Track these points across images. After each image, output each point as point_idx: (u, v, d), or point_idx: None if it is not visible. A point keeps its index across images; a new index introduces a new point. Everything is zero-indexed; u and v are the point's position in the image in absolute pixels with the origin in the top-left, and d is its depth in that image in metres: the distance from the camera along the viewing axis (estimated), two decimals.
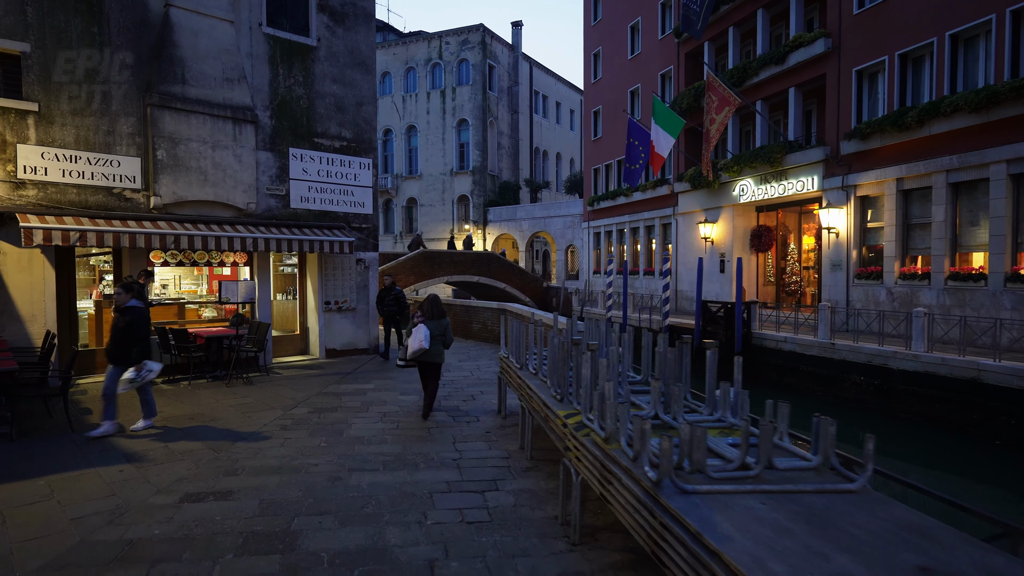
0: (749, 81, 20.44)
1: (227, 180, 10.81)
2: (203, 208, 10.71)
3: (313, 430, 6.89)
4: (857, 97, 16.80)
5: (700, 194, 23.59)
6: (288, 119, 11.82)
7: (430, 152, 41.83)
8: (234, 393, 8.96)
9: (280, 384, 9.71)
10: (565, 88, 50.69)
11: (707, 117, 18.95)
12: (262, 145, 11.44)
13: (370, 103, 13.03)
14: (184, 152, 10.30)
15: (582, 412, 4.29)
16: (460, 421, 7.46)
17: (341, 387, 9.55)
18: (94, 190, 9.61)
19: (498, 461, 5.86)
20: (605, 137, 31.88)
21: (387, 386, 9.75)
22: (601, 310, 26.51)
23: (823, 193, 17.76)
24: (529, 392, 5.79)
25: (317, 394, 8.97)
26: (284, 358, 12.27)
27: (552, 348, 5.20)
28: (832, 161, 17.40)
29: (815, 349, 15.04)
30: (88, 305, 11.11)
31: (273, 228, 11.21)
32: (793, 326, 16.20)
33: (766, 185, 20.02)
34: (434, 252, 27.04)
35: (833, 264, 17.54)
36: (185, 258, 10.87)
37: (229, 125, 10.81)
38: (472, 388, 9.65)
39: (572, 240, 36.58)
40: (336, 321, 12.65)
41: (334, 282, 12.59)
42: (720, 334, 17.85)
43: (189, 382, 9.67)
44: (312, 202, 12.17)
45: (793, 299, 21.38)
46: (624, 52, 29.99)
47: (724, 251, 22.68)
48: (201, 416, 7.51)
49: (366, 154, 12.98)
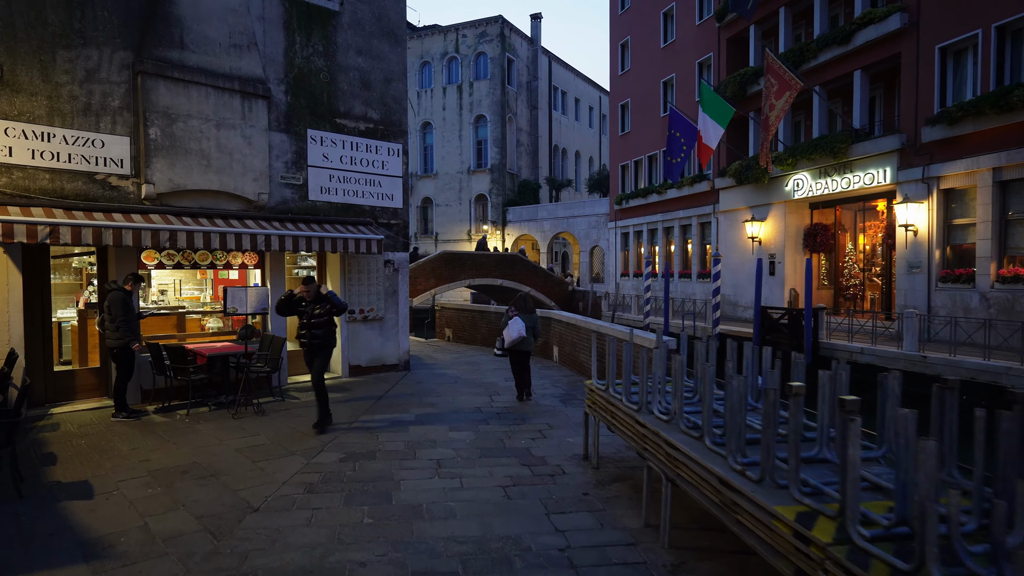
0: (806, 65, 18.56)
1: (234, 166, 9.03)
2: (205, 199, 8.93)
3: (350, 493, 5.04)
4: (940, 77, 14.87)
5: (745, 190, 21.69)
6: (306, 95, 10.03)
7: (446, 150, 40.03)
8: (242, 428, 7.14)
9: (299, 414, 7.89)
10: (584, 84, 48.81)
11: (765, 103, 17.07)
12: (276, 125, 9.66)
13: (400, 79, 11.23)
14: (182, 131, 8.53)
15: (848, 524, 2.44)
16: (541, 474, 5.61)
17: (374, 418, 7.72)
18: (72, 176, 7.84)
19: (624, 552, 4.01)
20: (634, 132, 30.00)
21: (429, 416, 7.92)
22: (635, 315, 24.63)
23: (897, 187, 15.84)
24: (673, 454, 3.95)
25: (346, 428, 7.14)
26: (301, 377, 10.47)
27: (731, 393, 3.35)
28: (909, 150, 15.47)
29: (900, 362, 13.17)
30: (73, 315, 9.36)
31: (289, 224, 9.41)
32: (870, 335, 14.30)
33: (826, 179, 18.11)
34: (455, 253, 25.25)
35: (910, 266, 15.59)
36: (184, 259, 9.08)
37: (237, 100, 9.03)
38: (535, 420, 7.80)
39: (597, 241, 34.70)
40: (361, 333, 10.83)
41: (359, 287, 10.79)
42: (784, 344, 15.96)
43: (188, 411, 7.86)
44: (334, 193, 10.37)
45: (851, 304, 19.47)
46: (656, 40, 28.14)
47: (774, 252, 20.76)
48: (199, 467, 5.68)
49: (395, 138, 11.17)
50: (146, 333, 9.14)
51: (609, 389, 5.38)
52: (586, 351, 10.77)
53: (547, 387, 10.10)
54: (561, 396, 9.30)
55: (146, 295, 10.23)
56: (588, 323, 10.89)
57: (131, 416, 7.48)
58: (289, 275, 12.10)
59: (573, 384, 10.32)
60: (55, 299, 9.51)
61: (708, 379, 3.77)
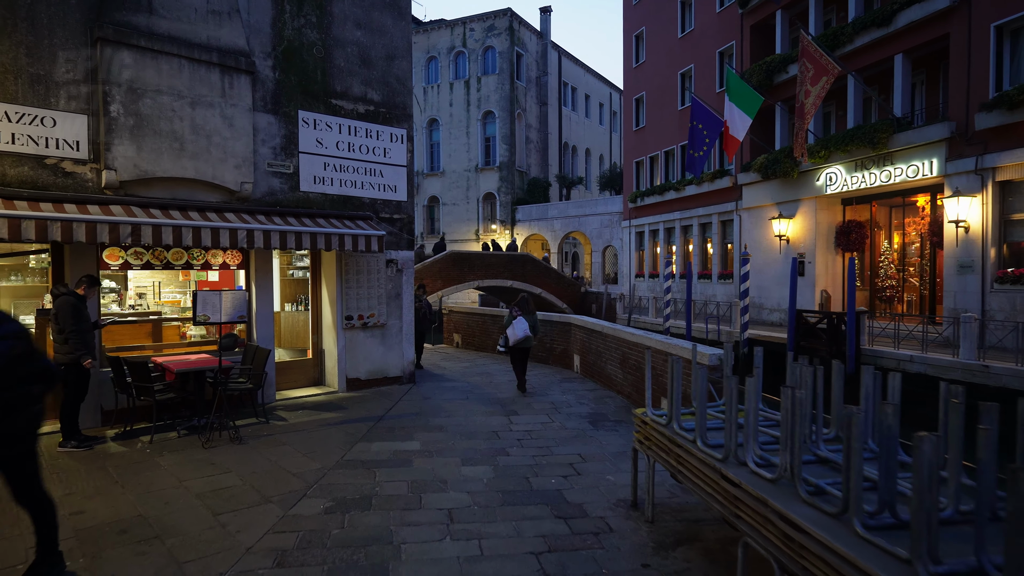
0: (840, 50, 17.25)
1: (212, 151, 7.82)
2: (179, 189, 7.72)
3: (333, 567, 3.78)
4: (996, 59, 13.53)
5: (772, 186, 20.36)
6: (297, 72, 8.82)
7: (453, 147, 38.80)
8: (212, 461, 5.91)
9: (282, 441, 6.65)
10: (594, 80, 47.50)
11: (800, 89, 15.77)
12: (262, 105, 8.45)
13: (404, 57, 10.01)
14: (150, 109, 7.33)
15: None
16: (582, 532, 4.36)
17: (372, 447, 6.48)
18: (15, 159, 6.64)
19: None
20: (650, 126, 28.70)
21: (438, 444, 6.67)
22: (653, 319, 23.32)
23: (945, 179, 14.51)
24: (796, 537, 2.69)
25: (337, 463, 5.90)
26: (292, 392, 9.26)
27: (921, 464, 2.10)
28: (959, 139, 14.14)
29: (957, 372, 11.90)
30: (31, 322, 8.18)
31: (276, 217, 8.20)
32: (920, 342, 12.99)
33: (862, 172, 16.78)
34: (464, 253, 24.03)
35: (961, 265, 14.24)
36: (155, 258, 7.87)
37: (216, 75, 7.83)
38: (563, 448, 6.53)
39: (610, 240, 33.39)
40: (360, 342, 9.61)
41: (358, 290, 9.56)
42: (821, 351, 14.64)
43: (151, 438, 6.64)
44: (329, 184, 9.15)
45: (886, 306, 18.15)
46: (673, 30, 26.85)
47: (803, 251, 19.43)
48: (143, 524, 4.42)
49: (399, 123, 9.95)
50: (114, 344, 7.96)
51: (673, 424, 4.13)
52: (614, 362, 9.51)
53: (571, 403, 8.84)
54: (589, 416, 8.04)
55: (122, 299, 9.08)
56: (627, 334, 9.10)
57: (82, 445, 6.27)
58: (284, 276, 10.92)
59: (600, 400, 9.06)
60: (15, 304, 8.37)
61: (859, 425, 2.51)
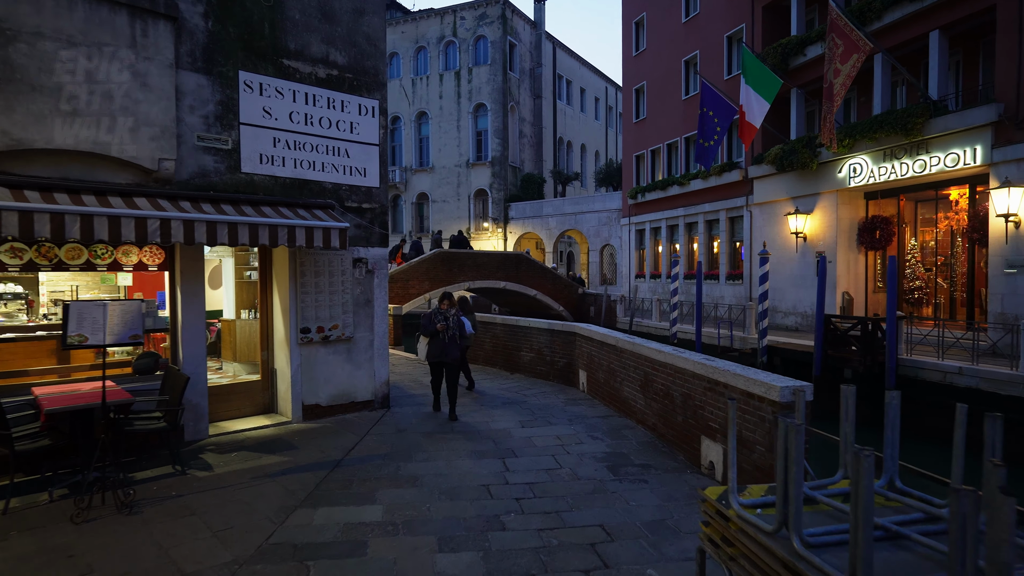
0: (868, 27, 15.58)
1: (118, 116, 6.01)
2: (72, 165, 5.90)
3: None
4: None
5: (787, 179, 18.72)
6: (237, 23, 7.02)
7: (443, 141, 36.95)
8: (71, 549, 4.06)
9: (192, 508, 4.84)
10: (590, 74, 45.77)
11: (829, 67, 14.13)
12: (189, 62, 6.65)
13: (376, 12, 8.22)
14: (26, 58, 5.52)
15: None
16: None
17: (315, 517, 4.69)
18: None
19: None
20: (651, 118, 27.02)
21: (408, 509, 4.89)
22: (657, 323, 21.62)
23: (991, 168, 12.91)
24: None
25: (257, 551, 4.08)
26: (232, 423, 7.44)
27: None
28: (1008, 123, 12.52)
29: (1017, 387, 10.29)
30: None
31: (207, 204, 6.40)
32: (971, 353, 11.33)
33: (892, 163, 15.16)
34: (453, 253, 22.24)
35: (1010, 265, 12.63)
36: (41, 256, 6.05)
37: (123, 17, 6.03)
38: (578, 513, 4.76)
39: (608, 239, 31.70)
40: (321, 360, 7.80)
41: (317, 296, 7.76)
42: (854, 361, 12.99)
43: (5, 504, 4.80)
44: (280, 164, 7.36)
45: (914, 310, 16.56)
46: (676, 15, 25.19)
47: (823, 249, 17.79)
48: None
49: (370, 92, 8.16)
50: (4, 367, 6.16)
51: (793, 540, 2.38)
52: (632, 384, 7.76)
53: (581, 436, 7.09)
54: (606, 458, 6.28)
55: (32, 308, 7.28)
56: (651, 351, 7.14)
57: None
58: (241, 277, 9.12)
59: (616, 433, 7.31)
60: None
61: None
